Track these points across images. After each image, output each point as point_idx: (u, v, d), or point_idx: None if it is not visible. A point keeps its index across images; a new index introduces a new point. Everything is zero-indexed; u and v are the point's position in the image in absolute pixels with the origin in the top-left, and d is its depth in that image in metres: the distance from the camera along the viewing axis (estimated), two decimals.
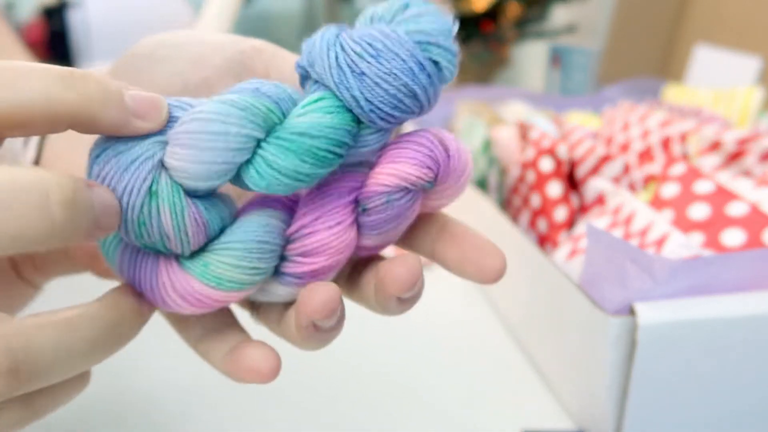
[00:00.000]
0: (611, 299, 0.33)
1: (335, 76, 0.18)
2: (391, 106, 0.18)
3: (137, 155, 0.18)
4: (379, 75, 0.18)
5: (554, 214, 0.48)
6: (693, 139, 0.49)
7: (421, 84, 0.19)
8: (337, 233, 0.19)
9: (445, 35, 0.19)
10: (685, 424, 0.34)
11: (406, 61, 0.18)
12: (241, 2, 1.64)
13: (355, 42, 0.18)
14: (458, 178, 0.20)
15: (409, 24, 0.19)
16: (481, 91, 0.84)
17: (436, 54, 0.19)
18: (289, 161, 0.18)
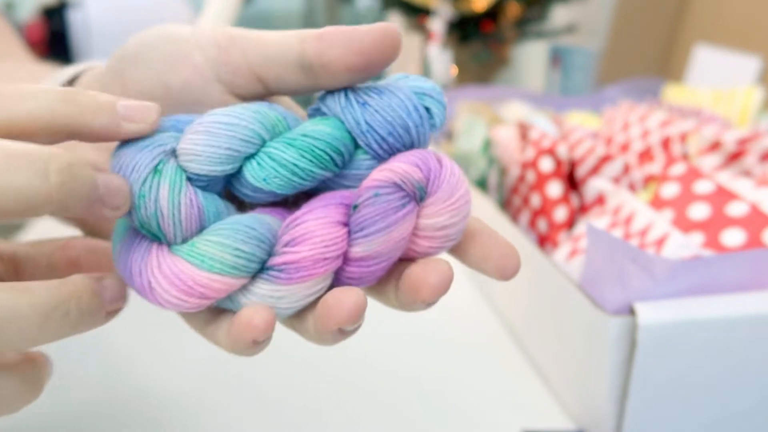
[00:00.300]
0: (611, 299, 0.33)
1: (342, 103, 0.21)
2: (386, 132, 0.21)
3: (151, 143, 0.20)
4: (380, 105, 0.21)
5: (554, 214, 0.48)
6: (693, 139, 0.49)
7: (413, 120, 0.21)
8: (324, 224, 0.20)
9: (438, 93, 0.22)
10: (685, 424, 0.34)
11: (404, 101, 0.21)
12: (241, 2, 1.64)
13: (363, 87, 0.22)
14: (452, 192, 0.21)
15: (409, 83, 0.22)
16: (481, 91, 0.84)
17: (429, 102, 0.22)
18: (288, 154, 0.20)
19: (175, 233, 0.20)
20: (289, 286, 0.20)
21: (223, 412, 0.38)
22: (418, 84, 0.22)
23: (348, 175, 0.22)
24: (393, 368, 0.43)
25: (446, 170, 0.21)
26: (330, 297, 0.20)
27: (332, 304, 0.19)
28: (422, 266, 0.20)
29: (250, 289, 0.20)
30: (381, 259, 0.20)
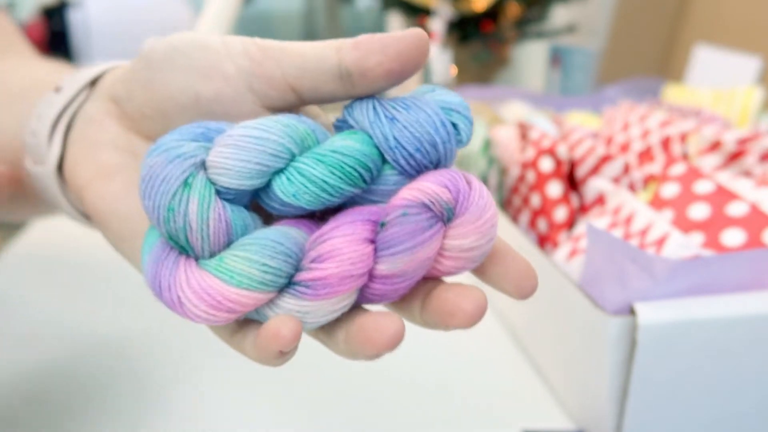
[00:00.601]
0: (611, 299, 0.33)
1: (371, 117, 0.21)
2: (414, 148, 0.21)
3: (183, 152, 0.20)
4: (408, 121, 0.21)
5: (554, 214, 0.48)
6: (693, 139, 0.49)
7: (441, 137, 0.21)
8: (351, 241, 0.20)
9: (465, 108, 0.22)
10: (685, 424, 0.34)
11: (431, 116, 0.21)
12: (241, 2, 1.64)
13: (390, 101, 0.22)
14: (479, 214, 0.21)
15: (436, 96, 0.22)
16: (481, 91, 0.84)
17: (456, 118, 0.22)
18: (318, 170, 0.20)
19: (203, 247, 0.20)
20: (316, 302, 0.20)
21: (224, 411, 0.38)
22: (445, 98, 0.22)
23: (375, 190, 0.22)
24: (393, 368, 0.43)
25: (475, 192, 0.21)
26: (370, 322, 0.20)
27: (372, 330, 0.19)
28: (456, 292, 0.20)
29: (277, 303, 0.20)
30: (405, 277, 0.20)
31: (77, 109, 0.28)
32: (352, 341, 0.20)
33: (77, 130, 0.27)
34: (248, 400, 0.39)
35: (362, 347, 0.20)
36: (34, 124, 0.28)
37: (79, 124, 0.27)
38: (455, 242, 0.21)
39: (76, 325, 0.47)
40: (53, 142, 0.27)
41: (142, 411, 0.38)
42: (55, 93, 0.28)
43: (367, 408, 0.39)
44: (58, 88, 0.28)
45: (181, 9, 2.10)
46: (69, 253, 0.59)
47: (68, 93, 0.28)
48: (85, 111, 0.27)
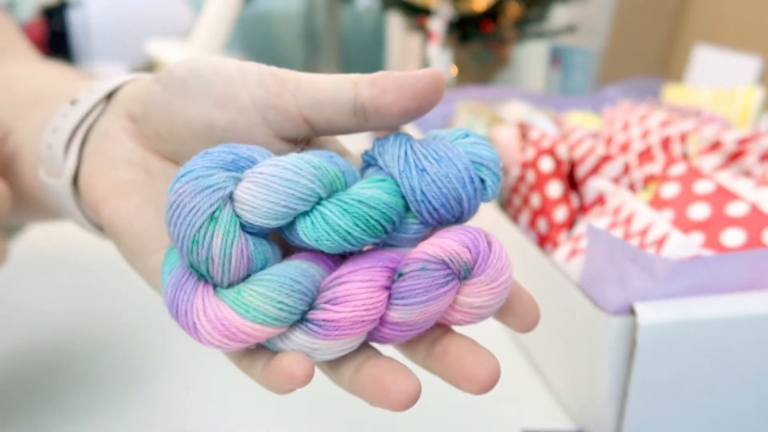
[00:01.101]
0: (611, 299, 0.33)
1: (401, 165, 0.22)
2: (439, 203, 0.21)
3: (212, 183, 0.20)
4: (438, 175, 0.21)
5: (554, 214, 0.48)
6: (693, 139, 0.49)
7: (468, 193, 0.22)
8: (367, 288, 0.20)
9: (495, 163, 0.22)
10: (685, 424, 0.34)
11: (461, 172, 0.22)
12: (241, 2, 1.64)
13: (422, 147, 0.22)
14: (495, 277, 0.21)
15: (467, 147, 0.22)
16: (481, 91, 0.84)
17: (485, 174, 0.22)
18: (343, 221, 0.21)
19: (222, 279, 0.20)
20: (326, 341, 0.20)
21: (224, 411, 0.38)
22: (478, 152, 0.22)
23: (395, 236, 0.22)
24: None
25: (494, 255, 0.21)
26: (388, 379, 0.20)
27: (390, 388, 0.20)
28: (474, 358, 0.21)
29: (289, 337, 0.21)
30: (415, 327, 0.21)
31: (93, 122, 0.28)
32: (363, 387, 0.21)
33: (93, 144, 0.27)
34: (249, 399, 0.39)
35: (374, 398, 0.20)
36: (49, 137, 0.28)
37: (95, 138, 0.27)
38: (467, 299, 0.21)
39: (76, 325, 0.47)
40: (69, 156, 0.27)
41: (142, 410, 0.38)
42: (71, 105, 0.28)
43: (366, 408, 0.39)
44: (74, 100, 0.28)
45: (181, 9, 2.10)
46: (69, 253, 0.59)
47: (84, 106, 0.28)
48: (101, 125, 0.27)
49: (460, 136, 0.23)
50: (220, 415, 0.38)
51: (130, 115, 0.26)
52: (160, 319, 0.47)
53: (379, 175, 0.22)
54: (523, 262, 0.43)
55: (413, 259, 0.21)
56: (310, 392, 0.40)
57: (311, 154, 0.21)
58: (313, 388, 0.41)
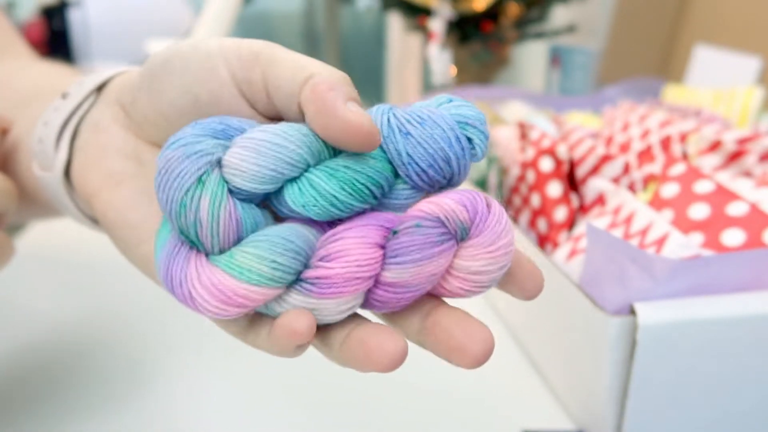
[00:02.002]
0: (611, 299, 0.33)
1: (385, 131, 0.21)
2: (426, 164, 0.21)
3: (201, 149, 0.20)
4: (422, 137, 0.21)
5: (554, 214, 0.48)
6: (693, 139, 0.49)
7: (455, 152, 0.21)
8: (361, 243, 0.20)
9: (481, 121, 0.22)
10: (685, 424, 0.34)
11: (446, 132, 0.21)
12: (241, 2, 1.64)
13: (405, 112, 0.22)
14: (494, 239, 0.20)
15: (451, 109, 0.22)
16: (481, 91, 0.84)
17: (471, 132, 0.22)
18: (329, 185, 0.20)
19: (213, 244, 0.20)
20: (321, 300, 0.20)
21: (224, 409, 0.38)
22: (462, 112, 0.22)
23: (386, 203, 0.22)
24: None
25: (493, 217, 0.21)
26: (373, 338, 0.20)
27: (374, 347, 0.19)
28: (465, 330, 0.20)
29: (285, 299, 0.21)
30: (409, 288, 0.21)
31: (83, 115, 0.28)
32: (350, 352, 0.20)
33: (84, 136, 0.27)
34: (250, 399, 0.39)
35: (360, 362, 0.20)
36: (40, 131, 0.28)
37: (86, 130, 0.27)
38: (465, 263, 0.21)
39: (77, 324, 0.47)
40: (60, 149, 0.27)
41: (142, 410, 0.38)
42: (62, 99, 0.28)
43: (366, 408, 0.39)
44: (64, 94, 0.28)
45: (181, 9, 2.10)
46: (69, 252, 0.59)
47: (75, 99, 0.28)
48: (92, 117, 0.27)
49: (444, 101, 0.23)
50: (220, 415, 0.38)
51: (120, 105, 0.26)
52: (161, 317, 0.47)
53: None
54: None
55: (408, 217, 0.20)
56: (309, 392, 0.40)
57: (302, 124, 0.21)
58: (312, 388, 0.41)
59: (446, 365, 0.45)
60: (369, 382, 0.41)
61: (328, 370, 0.42)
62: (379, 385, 0.41)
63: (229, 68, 0.23)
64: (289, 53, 0.22)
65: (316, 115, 0.20)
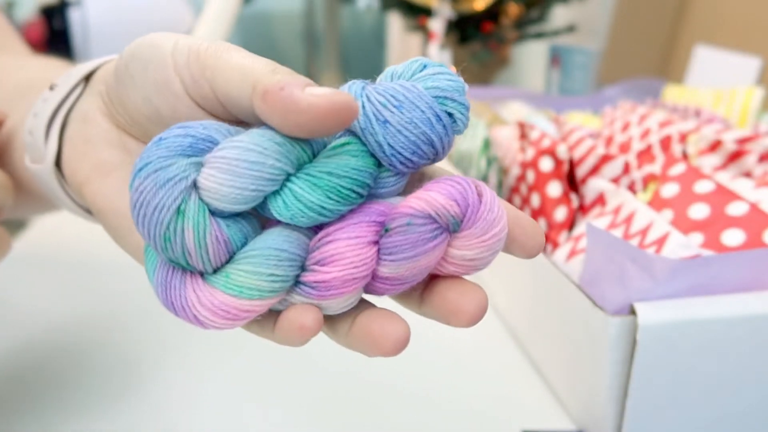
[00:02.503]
0: (611, 299, 0.33)
1: (362, 122, 0.20)
2: (410, 152, 0.20)
3: (173, 174, 0.19)
4: (401, 123, 0.20)
5: (554, 214, 0.48)
6: (693, 139, 0.49)
7: (437, 133, 0.21)
8: (355, 245, 0.20)
9: (459, 92, 0.21)
10: (685, 424, 0.34)
11: (425, 112, 0.20)
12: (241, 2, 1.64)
13: (379, 94, 0.20)
14: (488, 227, 0.20)
15: (428, 81, 0.21)
16: (481, 91, 0.84)
17: (451, 107, 0.21)
18: (315, 196, 0.20)
19: (205, 267, 0.20)
20: (322, 301, 0.20)
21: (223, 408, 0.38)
22: (439, 84, 0.21)
23: (374, 193, 0.21)
24: (393, 368, 0.43)
25: (485, 207, 0.20)
26: (376, 325, 0.20)
27: (378, 334, 0.20)
28: (458, 291, 0.21)
29: (288, 301, 0.21)
30: (406, 281, 0.21)
31: (72, 105, 0.28)
32: (356, 338, 0.21)
33: (72, 127, 0.27)
34: (247, 398, 0.39)
35: (366, 348, 0.20)
36: (30, 122, 0.28)
37: (75, 120, 0.27)
38: (459, 252, 0.21)
39: (75, 323, 0.47)
40: (50, 140, 0.27)
41: (142, 409, 0.38)
42: (50, 90, 0.28)
43: (366, 408, 0.39)
44: (53, 85, 0.28)
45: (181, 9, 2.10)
46: (69, 251, 0.59)
47: (63, 89, 0.28)
48: (80, 108, 0.27)
49: (417, 69, 0.22)
50: (221, 414, 0.38)
51: (101, 96, 0.27)
52: (160, 316, 0.47)
53: (343, 138, 0.21)
54: (524, 262, 0.43)
55: (399, 214, 0.20)
56: (309, 392, 0.40)
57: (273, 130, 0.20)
58: (312, 388, 0.41)
59: (446, 366, 0.45)
60: (369, 381, 0.41)
61: (327, 370, 0.42)
62: (380, 384, 0.41)
63: (182, 83, 0.22)
64: (233, 56, 0.21)
65: (282, 122, 0.19)
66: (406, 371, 0.43)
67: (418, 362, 0.44)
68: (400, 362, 0.44)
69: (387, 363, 0.43)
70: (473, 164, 0.57)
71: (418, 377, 0.42)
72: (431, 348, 0.45)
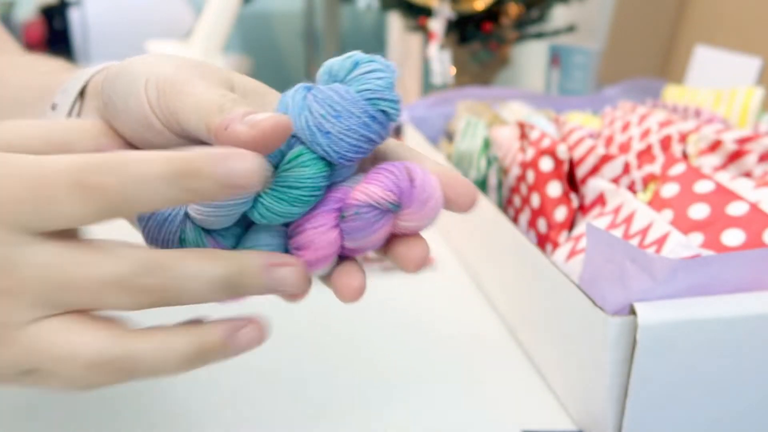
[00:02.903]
0: (611, 299, 0.33)
1: (308, 135, 0.24)
2: (353, 152, 0.24)
3: (168, 214, 0.24)
4: (342, 132, 0.24)
5: (554, 214, 0.48)
6: (693, 139, 0.49)
7: (374, 131, 0.24)
8: (320, 233, 0.25)
9: (389, 89, 0.25)
10: (685, 424, 0.34)
11: (361, 117, 0.24)
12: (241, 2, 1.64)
13: (320, 105, 0.24)
14: (422, 205, 0.25)
15: (361, 83, 0.24)
16: (481, 91, 0.84)
17: (384, 105, 0.24)
18: (282, 207, 0.24)
19: None
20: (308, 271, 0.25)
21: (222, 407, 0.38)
22: (370, 86, 0.24)
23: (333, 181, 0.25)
24: (393, 368, 0.43)
25: (417, 190, 0.24)
26: (340, 280, 0.26)
27: (340, 286, 0.26)
28: (407, 246, 0.26)
29: None
30: (367, 248, 0.26)
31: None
32: (330, 287, 0.26)
33: None
34: (247, 396, 0.39)
35: (336, 294, 0.26)
36: None
37: None
38: (404, 224, 0.25)
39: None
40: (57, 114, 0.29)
41: (142, 408, 0.38)
42: (52, 111, 0.29)
43: (366, 408, 0.39)
44: (53, 105, 0.29)
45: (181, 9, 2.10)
46: None
47: (63, 110, 0.29)
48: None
49: (351, 67, 0.25)
50: (221, 413, 0.38)
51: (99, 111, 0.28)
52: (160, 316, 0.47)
53: (295, 150, 0.24)
54: (524, 262, 0.43)
55: (349, 205, 0.25)
56: (309, 391, 0.40)
57: None
58: (312, 387, 0.41)
59: (446, 366, 0.45)
60: (369, 382, 0.41)
61: (327, 369, 0.42)
62: (380, 384, 0.41)
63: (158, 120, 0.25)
64: (188, 96, 0.24)
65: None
66: (407, 371, 0.43)
67: (419, 362, 0.44)
68: (400, 362, 0.44)
69: (387, 363, 0.43)
70: (473, 164, 0.57)
71: (418, 377, 0.42)
72: (431, 348, 0.45)
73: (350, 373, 0.42)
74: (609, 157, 0.48)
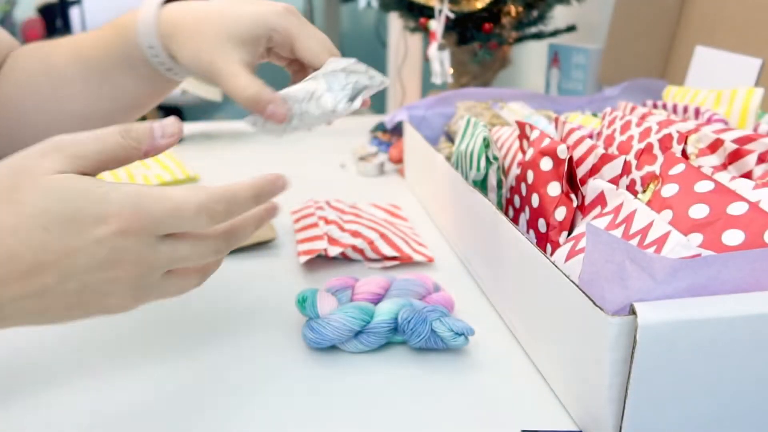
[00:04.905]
0: (611, 299, 0.33)
1: None
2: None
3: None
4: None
5: (554, 214, 0.48)
6: (693, 139, 0.49)
7: None
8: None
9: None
10: (685, 424, 0.34)
11: None
12: None
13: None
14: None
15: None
16: (481, 91, 0.84)
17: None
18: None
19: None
20: None
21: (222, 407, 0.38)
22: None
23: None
24: (393, 368, 0.43)
25: None
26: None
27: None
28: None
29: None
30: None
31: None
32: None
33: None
34: (248, 396, 0.39)
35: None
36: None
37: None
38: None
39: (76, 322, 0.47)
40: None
41: (142, 408, 0.38)
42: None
43: (367, 407, 0.39)
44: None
45: None
46: None
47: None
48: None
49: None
50: (221, 413, 0.38)
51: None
52: (161, 315, 0.47)
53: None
54: (523, 262, 0.43)
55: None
56: (308, 392, 0.40)
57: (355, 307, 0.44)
58: (311, 387, 0.41)
59: (446, 365, 0.45)
60: (369, 381, 0.41)
61: (327, 370, 0.42)
62: (380, 384, 0.41)
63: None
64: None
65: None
66: (406, 371, 0.43)
67: (419, 362, 0.44)
68: (399, 362, 0.43)
69: (387, 363, 0.43)
70: (473, 164, 0.57)
71: (418, 377, 0.42)
72: (431, 348, 0.45)
73: (349, 372, 0.42)
74: (609, 157, 0.48)
